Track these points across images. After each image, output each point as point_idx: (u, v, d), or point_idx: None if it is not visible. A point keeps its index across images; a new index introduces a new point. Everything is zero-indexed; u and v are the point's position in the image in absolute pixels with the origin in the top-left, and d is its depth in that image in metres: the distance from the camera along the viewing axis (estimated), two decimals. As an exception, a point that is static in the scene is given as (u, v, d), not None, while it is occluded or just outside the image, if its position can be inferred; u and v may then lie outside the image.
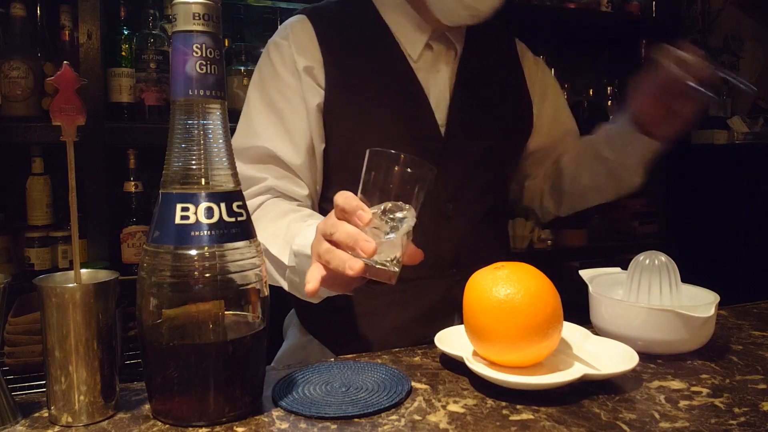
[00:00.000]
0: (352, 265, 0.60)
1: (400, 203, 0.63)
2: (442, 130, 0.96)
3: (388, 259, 0.62)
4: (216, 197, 0.56)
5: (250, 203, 0.91)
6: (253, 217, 0.89)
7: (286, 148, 0.93)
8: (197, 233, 0.54)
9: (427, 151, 0.92)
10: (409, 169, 0.63)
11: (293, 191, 0.93)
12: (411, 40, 0.97)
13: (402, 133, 0.94)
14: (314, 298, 0.73)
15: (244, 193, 0.91)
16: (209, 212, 0.55)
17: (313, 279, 0.64)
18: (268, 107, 0.95)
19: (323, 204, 1.00)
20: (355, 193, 0.64)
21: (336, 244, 0.63)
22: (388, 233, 0.62)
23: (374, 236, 0.62)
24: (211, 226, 0.55)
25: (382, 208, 0.62)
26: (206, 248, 0.54)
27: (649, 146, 0.99)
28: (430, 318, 0.94)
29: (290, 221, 0.84)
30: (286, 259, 0.79)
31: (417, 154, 0.92)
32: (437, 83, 0.97)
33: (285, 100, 0.94)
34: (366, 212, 0.61)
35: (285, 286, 0.83)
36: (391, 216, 0.62)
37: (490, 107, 1.01)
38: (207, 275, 0.54)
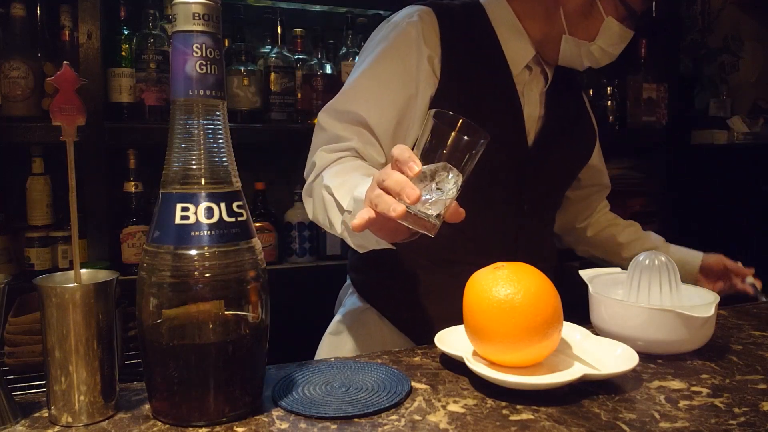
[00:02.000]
0: (396, 208, 0.63)
1: (450, 166, 0.65)
2: (529, 140, 1.04)
3: (431, 212, 0.65)
4: (216, 197, 0.56)
5: (331, 156, 0.95)
6: (328, 167, 0.94)
7: (379, 120, 0.97)
8: (197, 233, 0.54)
9: (514, 158, 1.02)
10: (464, 135, 0.66)
11: (373, 158, 0.97)
12: (515, 57, 1.03)
13: (494, 137, 0.97)
14: (360, 247, 0.77)
15: (328, 146, 0.97)
16: (209, 212, 0.55)
17: (360, 217, 0.67)
18: (377, 80, 0.98)
19: None
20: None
21: (386, 189, 0.66)
22: (433, 191, 0.65)
23: (422, 188, 0.64)
24: (211, 226, 0.55)
25: (433, 168, 0.65)
26: (206, 248, 0.54)
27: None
28: None
29: (361, 175, 0.88)
30: (345, 203, 0.82)
31: (504, 158, 1.03)
32: (530, 100, 1.05)
33: (396, 78, 0.98)
34: (416, 164, 0.64)
35: (338, 230, 0.86)
36: (440, 175, 0.65)
37: (568, 128, 1.11)
38: (207, 275, 0.54)
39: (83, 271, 0.58)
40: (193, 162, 0.56)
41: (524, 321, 0.62)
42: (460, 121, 0.66)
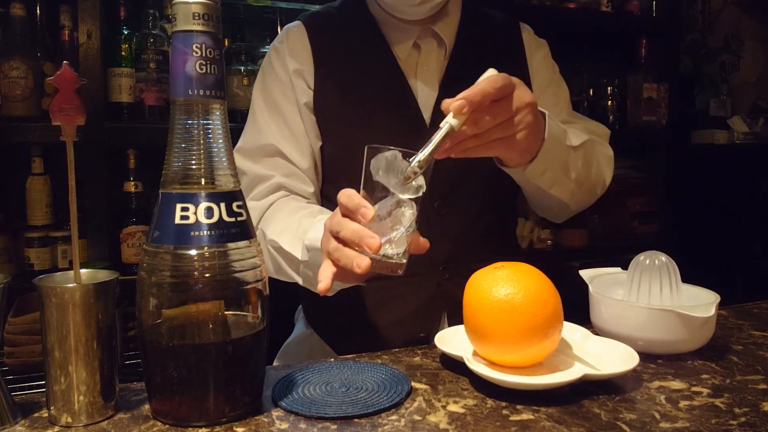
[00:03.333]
0: (359, 263, 0.62)
1: (402, 199, 0.64)
2: (427, 120, 0.97)
3: (396, 252, 0.64)
4: (216, 197, 0.56)
5: (262, 203, 0.95)
6: (265, 216, 0.92)
7: (290, 147, 0.97)
8: (197, 233, 0.54)
9: (416, 149, 0.92)
10: (404, 162, 0.64)
11: (301, 188, 0.97)
12: (399, 40, 0.99)
13: (392, 132, 0.94)
14: (329, 292, 0.75)
15: (254, 192, 0.95)
16: (209, 212, 0.55)
17: (325, 278, 0.66)
18: (272, 108, 1.00)
19: (323, 203, 1.03)
20: (357, 190, 0.66)
21: (343, 241, 0.65)
22: (392, 228, 0.64)
23: (379, 231, 0.63)
24: (211, 226, 0.55)
25: (386, 205, 0.64)
26: (206, 248, 0.54)
27: (515, 173, 0.90)
28: (421, 316, 0.97)
29: (301, 217, 0.87)
30: (299, 254, 0.81)
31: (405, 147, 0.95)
32: (425, 81, 0.99)
33: (285, 101, 0.99)
34: (368, 209, 0.63)
35: (300, 281, 0.85)
36: (395, 212, 0.64)
37: None
38: (207, 275, 0.54)
39: (83, 271, 0.58)
40: (193, 162, 0.55)
41: (524, 321, 0.62)
42: (399, 151, 0.64)
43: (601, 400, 0.61)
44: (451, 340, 0.72)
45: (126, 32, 1.57)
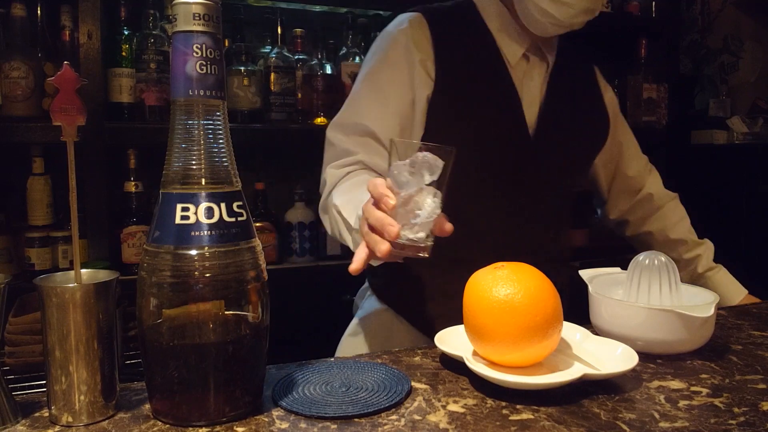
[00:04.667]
0: (381, 248, 0.66)
1: (425, 187, 0.67)
2: (531, 132, 1.03)
3: (418, 236, 0.67)
4: (216, 197, 0.56)
5: (340, 171, 0.99)
6: (338, 183, 0.97)
7: (384, 128, 0.99)
8: (197, 233, 0.54)
9: (516, 149, 1.03)
10: (427, 154, 0.67)
11: (381, 167, 0.99)
12: (510, 48, 1.04)
13: (495, 131, 1.02)
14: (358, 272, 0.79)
15: (336, 162, 1.00)
16: (209, 212, 0.55)
17: (357, 260, 0.70)
18: (376, 90, 1.02)
19: None
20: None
21: (371, 227, 0.68)
22: (416, 215, 0.67)
23: (403, 217, 0.67)
24: (211, 226, 0.55)
25: (411, 193, 0.67)
26: (206, 248, 0.54)
27: None
28: None
29: (365, 190, 0.88)
30: (353, 221, 0.85)
31: (506, 152, 1.03)
32: (530, 89, 1.05)
33: (393, 85, 1.01)
34: (390, 198, 0.66)
35: (352, 246, 0.88)
36: (419, 198, 0.67)
37: (573, 117, 1.09)
38: (207, 275, 0.54)
39: (83, 271, 0.58)
40: (193, 162, 0.56)
41: (524, 321, 0.62)
42: (420, 146, 0.68)
43: (601, 400, 0.61)
44: (451, 340, 0.72)
45: (126, 32, 1.57)
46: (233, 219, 0.56)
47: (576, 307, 0.78)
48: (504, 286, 0.63)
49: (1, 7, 1.46)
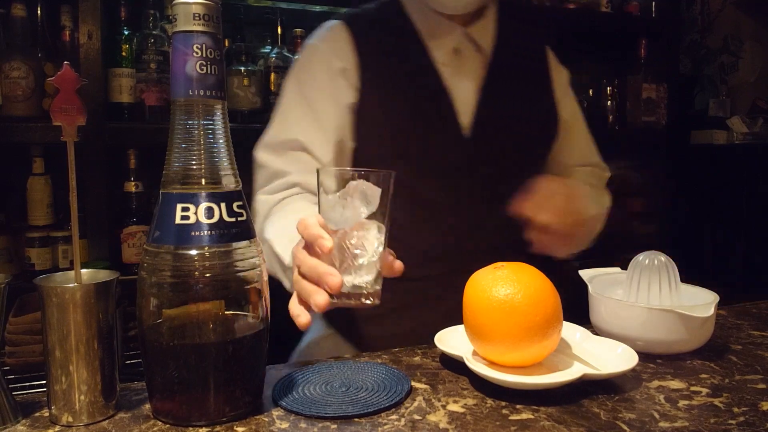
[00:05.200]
0: (317, 301, 0.58)
1: (363, 220, 0.60)
2: (467, 132, 0.97)
3: (365, 280, 0.59)
4: (216, 197, 0.56)
5: (272, 198, 0.93)
6: (271, 212, 0.91)
7: (317, 142, 0.95)
8: (197, 233, 0.54)
9: (453, 154, 0.97)
10: (362, 182, 0.60)
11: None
12: (438, 45, 0.98)
13: (429, 137, 0.97)
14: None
15: (268, 186, 0.95)
16: (209, 212, 0.55)
17: (297, 317, 0.62)
18: (304, 104, 0.98)
19: None
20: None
21: (304, 278, 0.61)
22: (357, 256, 0.59)
23: (343, 260, 0.58)
24: (211, 226, 0.55)
25: (347, 229, 0.59)
26: (206, 248, 0.54)
27: None
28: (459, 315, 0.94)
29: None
30: (288, 259, 0.78)
31: (443, 157, 0.97)
32: (464, 87, 0.98)
33: (321, 98, 0.97)
34: (326, 240, 0.58)
35: (287, 284, 0.82)
36: (358, 236, 0.59)
37: (515, 113, 1.02)
38: (207, 275, 0.54)
39: (83, 271, 0.58)
40: (193, 162, 0.56)
41: (524, 321, 0.62)
42: (352, 173, 0.60)
43: (601, 400, 0.61)
44: (451, 340, 0.72)
45: (126, 33, 1.57)
46: (233, 219, 0.56)
47: (576, 307, 0.78)
48: (504, 286, 0.63)
49: (1, 7, 1.46)
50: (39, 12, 1.51)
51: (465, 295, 0.67)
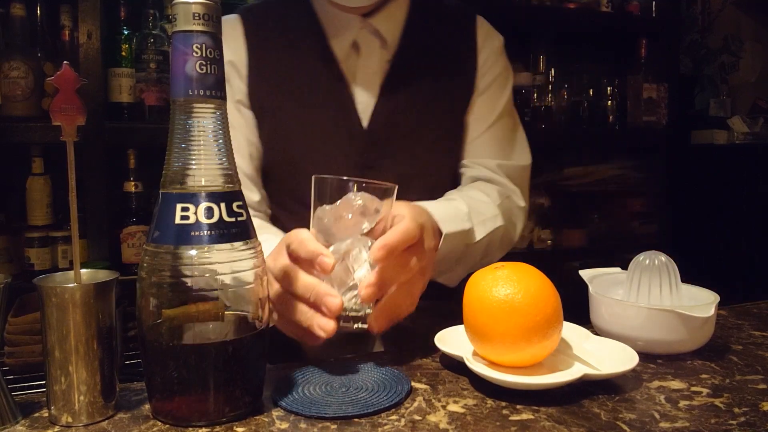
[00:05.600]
0: (324, 326, 0.55)
1: (363, 237, 0.57)
2: (366, 130, 0.93)
3: (360, 304, 0.56)
4: (216, 197, 0.56)
5: None
6: None
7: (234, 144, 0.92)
8: (197, 233, 0.54)
9: (351, 151, 0.92)
10: (360, 198, 0.57)
11: (250, 200, 0.91)
12: (338, 37, 0.93)
13: (331, 134, 0.93)
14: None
15: None
16: (209, 212, 0.55)
17: (307, 335, 0.58)
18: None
19: (274, 209, 0.98)
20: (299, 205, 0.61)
21: (296, 297, 0.58)
22: (351, 279, 0.56)
23: (340, 281, 0.55)
24: (211, 226, 0.55)
25: (344, 247, 0.57)
26: (206, 248, 0.54)
27: None
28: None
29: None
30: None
31: (344, 156, 0.90)
32: (364, 84, 0.93)
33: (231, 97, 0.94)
34: (328, 257, 0.54)
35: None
36: (353, 256, 0.56)
37: (421, 107, 0.95)
38: (207, 275, 0.54)
39: (83, 271, 0.58)
40: (193, 162, 0.56)
41: (524, 321, 0.62)
42: (355, 182, 0.56)
43: (601, 400, 0.61)
44: (451, 340, 0.72)
45: (126, 32, 1.57)
46: (233, 219, 0.56)
47: (576, 307, 0.78)
48: (504, 286, 0.63)
49: (0, 7, 1.46)
50: (38, 12, 1.51)
51: (465, 295, 0.67)
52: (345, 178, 0.57)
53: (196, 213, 0.55)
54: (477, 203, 0.91)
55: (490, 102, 1.01)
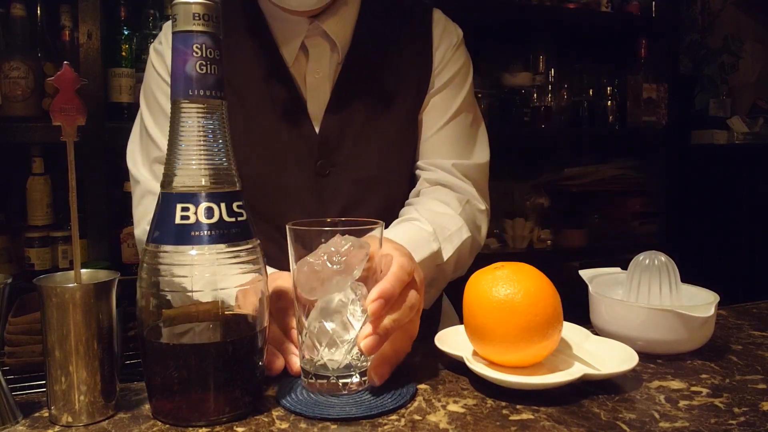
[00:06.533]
0: (279, 370, 0.58)
1: (353, 284, 0.56)
2: (317, 126, 0.91)
3: (354, 354, 0.57)
4: (216, 197, 0.56)
5: (141, 209, 0.92)
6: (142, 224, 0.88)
7: None
8: (197, 233, 0.54)
9: (309, 160, 0.91)
10: (349, 244, 0.55)
11: None
12: (286, 40, 0.91)
13: (284, 142, 0.91)
14: None
15: (143, 205, 0.91)
16: (209, 212, 0.55)
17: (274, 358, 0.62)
18: (157, 113, 0.93)
19: None
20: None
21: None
22: (347, 327, 0.56)
23: (339, 337, 0.56)
24: (211, 226, 0.55)
25: (334, 305, 0.56)
26: (206, 248, 0.54)
27: None
28: None
29: None
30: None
31: (298, 163, 0.89)
32: (315, 88, 0.92)
33: (162, 96, 0.92)
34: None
35: None
36: (352, 309, 0.56)
37: (374, 109, 0.93)
38: (207, 275, 0.54)
39: (83, 271, 0.58)
40: (193, 162, 0.56)
41: (524, 321, 0.62)
42: (336, 233, 0.54)
43: (601, 400, 0.61)
44: (451, 340, 0.72)
45: (126, 32, 1.57)
46: (233, 219, 0.56)
47: (576, 307, 0.78)
48: (504, 286, 0.63)
49: (0, 7, 1.46)
50: (38, 12, 1.51)
51: (465, 295, 0.67)
52: (326, 226, 0.55)
53: (196, 213, 0.55)
54: (439, 217, 0.88)
55: (446, 99, 0.97)
